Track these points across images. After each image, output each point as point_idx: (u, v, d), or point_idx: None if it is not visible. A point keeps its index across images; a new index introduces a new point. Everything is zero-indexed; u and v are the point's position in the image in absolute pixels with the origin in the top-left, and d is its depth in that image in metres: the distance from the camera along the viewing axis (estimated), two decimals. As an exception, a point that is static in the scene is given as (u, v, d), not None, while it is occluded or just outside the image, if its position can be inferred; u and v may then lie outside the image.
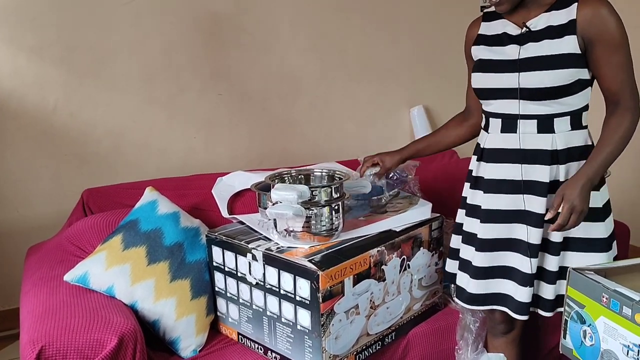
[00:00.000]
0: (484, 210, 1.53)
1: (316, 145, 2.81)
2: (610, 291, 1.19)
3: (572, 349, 1.32)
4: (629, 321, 1.16)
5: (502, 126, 1.51)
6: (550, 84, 1.42)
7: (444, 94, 3.06)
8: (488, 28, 1.57)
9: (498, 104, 1.51)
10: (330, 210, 1.55)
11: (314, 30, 2.73)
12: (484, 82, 1.52)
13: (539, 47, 1.44)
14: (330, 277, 1.43)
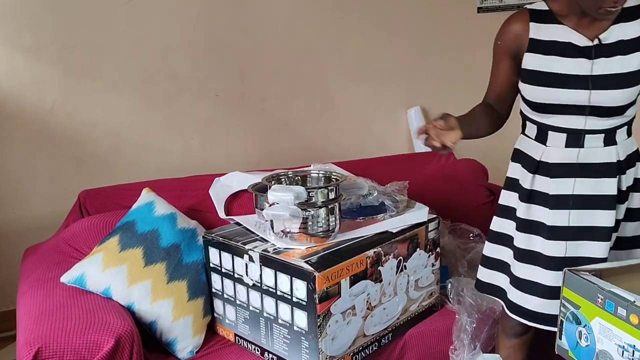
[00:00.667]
0: (551, 227, 1.48)
1: (313, 146, 2.81)
2: (605, 292, 1.20)
3: (568, 349, 1.33)
4: (623, 322, 1.16)
5: (566, 141, 1.46)
6: (623, 102, 1.42)
7: (440, 94, 3.06)
8: (539, 31, 1.44)
9: (560, 119, 1.45)
10: (326, 211, 1.55)
11: (311, 31, 2.73)
12: (546, 96, 1.43)
13: (612, 63, 1.39)
14: (327, 278, 1.44)
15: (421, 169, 2.35)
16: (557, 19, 1.43)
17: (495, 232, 1.62)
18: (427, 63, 3.03)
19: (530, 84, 1.46)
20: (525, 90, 1.48)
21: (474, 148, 3.06)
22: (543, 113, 1.47)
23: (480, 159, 2.66)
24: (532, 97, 1.46)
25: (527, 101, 1.49)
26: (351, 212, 1.76)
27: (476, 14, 3.05)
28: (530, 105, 1.48)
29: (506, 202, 1.59)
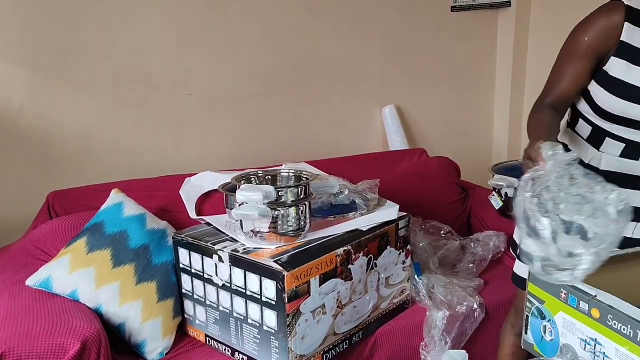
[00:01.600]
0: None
1: (288, 146, 2.81)
2: (568, 287, 1.22)
3: (533, 344, 1.35)
4: (585, 316, 1.18)
5: (623, 151, 1.39)
6: None
7: (415, 93, 3.08)
8: (634, 36, 1.29)
9: (628, 131, 1.37)
10: (297, 210, 1.55)
11: (286, 30, 2.72)
12: (626, 110, 1.33)
13: None
14: (296, 278, 1.44)
15: (394, 167, 2.37)
16: None
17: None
18: (401, 62, 3.04)
19: (611, 92, 1.33)
20: (601, 97, 1.35)
21: (447, 146, 3.10)
22: (610, 122, 1.37)
23: (452, 157, 2.69)
24: (608, 107, 1.35)
25: (596, 105, 1.37)
26: (322, 211, 1.76)
27: (450, 13, 3.07)
28: (598, 110, 1.38)
29: None
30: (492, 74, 3.25)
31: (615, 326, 1.11)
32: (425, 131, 3.13)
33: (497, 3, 3.10)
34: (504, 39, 3.16)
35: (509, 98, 3.18)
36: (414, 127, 3.12)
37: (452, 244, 2.07)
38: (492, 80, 3.26)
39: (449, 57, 3.11)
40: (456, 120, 3.19)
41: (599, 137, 1.42)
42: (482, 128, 3.31)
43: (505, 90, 3.21)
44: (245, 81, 2.67)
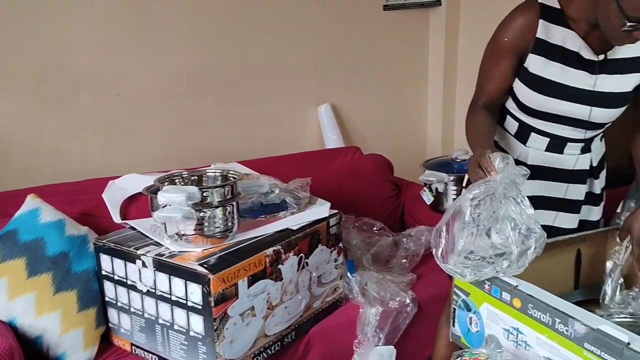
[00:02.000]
0: None
1: (223, 145, 2.75)
2: (492, 278, 1.23)
3: (461, 336, 1.36)
4: (508, 306, 1.20)
5: (548, 145, 1.44)
6: (612, 119, 1.41)
7: (350, 91, 3.08)
8: (548, 32, 1.34)
9: (551, 126, 1.41)
10: (223, 211, 1.51)
11: (215, 28, 2.66)
12: (547, 105, 1.37)
13: (611, 81, 1.36)
14: (223, 280, 1.40)
15: (327, 165, 2.36)
16: (567, 23, 1.33)
17: None
18: (335, 61, 3.04)
19: (531, 88, 1.37)
20: (523, 94, 1.39)
21: (382, 143, 3.13)
22: (534, 117, 1.41)
23: (388, 154, 2.71)
24: (529, 102, 1.39)
25: (519, 102, 1.41)
26: (252, 211, 1.73)
27: (382, 12, 3.10)
28: (522, 106, 1.41)
29: None
30: (425, 72, 3.30)
31: (535, 315, 1.13)
32: (360, 129, 3.14)
33: (428, 2, 3.15)
34: (435, 37, 3.22)
35: (442, 95, 3.24)
36: (350, 125, 3.13)
37: (385, 240, 2.08)
38: (424, 77, 3.31)
39: (383, 55, 3.13)
40: (391, 118, 3.22)
41: (525, 133, 1.45)
42: (416, 125, 3.35)
43: (437, 87, 3.26)
44: (175, 80, 2.59)
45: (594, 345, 1.00)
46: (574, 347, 1.04)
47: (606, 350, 0.98)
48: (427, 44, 3.26)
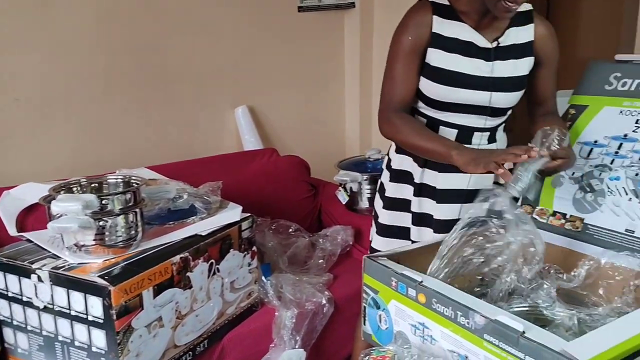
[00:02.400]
0: (437, 220, 1.50)
1: (133, 151, 2.65)
2: (398, 275, 1.24)
3: (371, 334, 1.36)
4: (413, 302, 1.21)
5: (456, 137, 1.46)
6: (513, 104, 1.47)
7: (266, 93, 3.06)
8: (443, 27, 1.41)
9: (457, 117, 1.45)
10: (125, 219, 1.44)
11: (124, 27, 2.56)
12: (450, 95, 1.42)
13: (507, 66, 1.42)
14: (125, 292, 1.33)
15: (243, 167, 2.32)
16: (458, 16, 1.41)
17: (387, 226, 1.58)
18: (251, 62, 3.00)
19: (433, 81, 1.41)
20: (427, 88, 1.43)
21: (301, 144, 3.12)
22: (440, 110, 1.45)
23: (306, 154, 2.70)
24: (434, 95, 1.43)
25: (425, 97, 1.44)
26: (160, 217, 1.67)
27: (297, 13, 3.09)
28: (427, 100, 1.45)
29: (399, 194, 1.56)
30: (342, 73, 3.33)
31: (439, 309, 1.15)
32: (279, 130, 3.12)
33: (342, 4, 3.18)
34: (351, 38, 3.25)
35: (359, 95, 3.27)
36: (268, 127, 3.10)
37: (301, 241, 2.07)
38: (341, 78, 3.34)
39: (299, 56, 3.13)
40: (309, 119, 3.22)
41: (433, 128, 1.48)
42: (335, 125, 3.37)
43: (354, 87, 3.30)
44: (82, 83, 2.47)
45: (493, 336, 1.02)
46: (475, 338, 1.06)
47: (503, 339, 1.00)
48: (342, 45, 3.29)
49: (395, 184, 1.57)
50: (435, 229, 1.51)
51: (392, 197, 1.57)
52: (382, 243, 1.60)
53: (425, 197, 1.52)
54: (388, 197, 1.58)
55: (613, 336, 0.93)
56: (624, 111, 1.41)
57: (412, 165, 1.53)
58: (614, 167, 1.36)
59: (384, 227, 1.60)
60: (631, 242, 1.26)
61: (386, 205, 1.59)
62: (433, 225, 1.52)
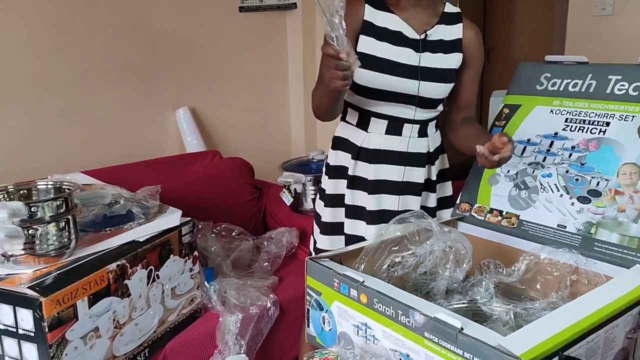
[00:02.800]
0: (370, 212, 1.51)
1: (68, 156, 2.55)
2: (340, 276, 1.24)
3: (315, 336, 1.36)
4: (356, 302, 1.21)
5: (387, 128, 1.50)
6: (441, 96, 1.51)
7: (208, 94, 3.01)
8: (375, 16, 1.47)
9: (387, 106, 1.49)
10: (57, 226, 1.38)
11: (55, 27, 2.46)
12: (379, 82, 1.45)
13: (435, 58, 1.47)
14: (57, 302, 1.27)
15: (185, 170, 2.27)
16: (389, 8, 1.47)
17: (331, 223, 1.59)
18: (191, 63, 2.94)
19: (365, 67, 1.44)
20: (357, 74, 1.43)
21: (245, 146, 3.09)
22: (371, 98, 1.48)
23: (251, 156, 2.67)
24: (364, 82, 1.46)
25: (355, 85, 1.46)
26: (95, 224, 1.61)
27: (238, 13, 3.06)
28: (358, 89, 1.47)
29: (337, 190, 1.57)
30: (285, 73, 3.32)
31: (381, 309, 1.15)
32: (222, 132, 3.08)
33: (284, 5, 3.17)
34: (293, 39, 3.24)
35: (303, 95, 3.27)
36: (211, 129, 3.05)
37: (245, 244, 2.04)
38: (285, 79, 3.32)
39: (241, 57, 3.10)
40: (253, 120, 3.20)
41: (365, 119, 1.52)
42: (280, 126, 3.36)
43: (298, 88, 3.29)
44: (10, 84, 2.36)
45: (432, 334, 1.04)
46: (415, 337, 1.07)
47: (442, 337, 1.01)
48: (285, 46, 3.27)
49: (333, 180, 1.58)
50: (368, 221, 1.53)
51: (331, 194, 1.59)
52: (327, 242, 1.60)
53: (357, 190, 1.54)
54: (328, 194, 1.59)
55: (547, 329, 0.96)
56: (554, 110, 1.46)
57: (345, 158, 1.55)
58: (546, 165, 1.41)
59: (327, 226, 1.60)
60: (563, 237, 1.31)
61: (327, 203, 1.60)
62: (365, 217, 1.53)
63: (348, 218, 1.56)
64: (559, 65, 1.53)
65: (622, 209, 1.25)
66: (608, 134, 1.34)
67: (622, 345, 1.07)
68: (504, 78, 1.77)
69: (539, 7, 4.55)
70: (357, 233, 1.55)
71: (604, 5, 2.37)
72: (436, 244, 1.25)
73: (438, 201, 1.61)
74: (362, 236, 1.53)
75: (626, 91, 1.37)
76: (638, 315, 1.08)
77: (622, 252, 1.22)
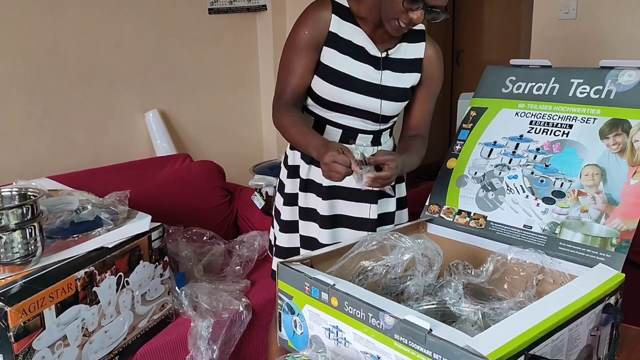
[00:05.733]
0: (323, 216, 1.51)
1: (34, 160, 2.50)
2: (311, 279, 1.24)
3: (287, 339, 1.36)
4: (327, 305, 1.21)
5: (341, 137, 1.49)
6: (397, 112, 1.51)
7: (178, 97, 2.98)
8: (340, 27, 1.42)
9: (346, 118, 1.47)
10: (22, 234, 1.35)
11: (21, 28, 2.41)
12: (342, 98, 1.43)
13: (394, 77, 1.46)
14: (23, 312, 1.25)
15: (154, 174, 2.25)
16: (355, 21, 1.43)
17: (283, 221, 1.58)
18: (161, 65, 2.92)
19: (326, 80, 1.42)
20: (318, 86, 1.43)
21: (216, 148, 3.07)
22: (329, 110, 1.46)
23: (223, 159, 2.66)
24: (324, 94, 1.43)
25: (315, 94, 1.45)
26: (62, 230, 1.58)
27: (207, 15, 3.04)
28: (316, 98, 1.45)
29: (295, 190, 1.56)
30: (256, 75, 3.31)
31: (352, 312, 1.16)
32: (193, 135, 3.06)
33: (254, 6, 3.16)
34: (264, 40, 3.24)
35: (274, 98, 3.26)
36: (181, 132, 3.03)
37: (216, 248, 2.03)
38: (256, 81, 3.32)
39: (211, 59, 3.08)
40: (224, 123, 3.18)
41: (320, 127, 1.50)
42: (251, 129, 3.35)
43: (269, 90, 3.29)
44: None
45: (402, 335, 1.04)
46: (385, 339, 1.08)
47: (412, 338, 1.02)
48: (256, 48, 3.27)
49: (291, 179, 1.57)
50: (320, 224, 1.52)
51: (290, 192, 1.58)
52: (286, 239, 1.60)
53: (310, 192, 1.54)
54: (287, 193, 1.59)
55: (513, 329, 0.98)
56: (519, 113, 1.49)
57: (300, 160, 1.54)
58: (512, 166, 1.43)
59: (286, 224, 1.59)
60: (529, 237, 1.33)
61: (286, 202, 1.59)
62: (318, 220, 1.53)
63: (302, 219, 1.56)
64: (523, 68, 1.56)
65: (585, 209, 1.28)
66: (571, 136, 1.38)
67: (586, 342, 1.10)
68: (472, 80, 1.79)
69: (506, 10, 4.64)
70: (310, 234, 1.56)
71: (567, 10, 2.43)
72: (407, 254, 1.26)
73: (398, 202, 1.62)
74: (316, 238, 1.53)
75: (588, 94, 1.40)
76: (601, 313, 1.11)
77: (585, 251, 1.25)
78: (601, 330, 1.13)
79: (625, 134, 1.29)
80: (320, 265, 1.35)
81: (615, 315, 1.10)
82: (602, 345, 1.15)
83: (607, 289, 1.11)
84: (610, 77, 1.39)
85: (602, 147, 1.32)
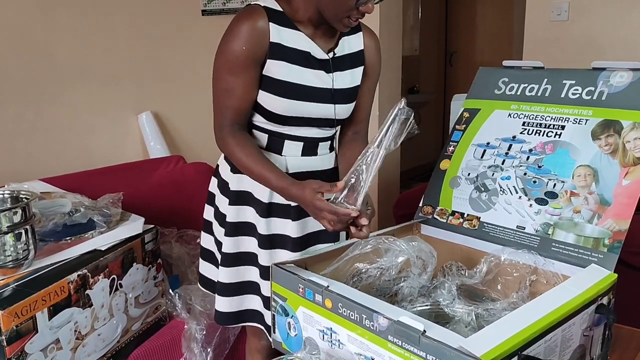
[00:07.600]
0: (295, 239, 1.41)
1: (26, 162, 2.50)
2: (305, 281, 1.24)
3: (281, 341, 1.36)
4: (321, 307, 1.21)
5: (303, 149, 1.39)
6: (349, 114, 1.43)
7: (171, 98, 2.98)
8: (281, 36, 1.29)
9: (304, 129, 1.38)
10: (14, 237, 1.35)
11: (12, 28, 2.40)
12: (298, 110, 1.33)
13: (345, 77, 1.38)
14: (15, 315, 1.25)
15: (148, 176, 2.24)
16: (293, 24, 1.31)
17: (233, 254, 1.44)
18: (154, 67, 2.92)
19: (276, 94, 1.30)
20: (269, 102, 1.31)
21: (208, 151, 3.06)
22: (284, 124, 1.35)
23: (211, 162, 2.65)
24: (278, 109, 1.32)
25: (266, 111, 1.33)
26: (55, 233, 1.57)
27: (201, 17, 3.04)
28: (269, 115, 1.34)
29: (241, 218, 1.43)
30: (249, 77, 3.30)
31: (345, 313, 1.16)
32: (186, 137, 3.06)
33: (248, 7, 3.15)
34: (257, 42, 3.23)
35: (267, 100, 3.25)
36: (175, 133, 3.03)
37: (209, 250, 2.02)
38: (249, 82, 3.31)
39: (205, 61, 3.05)
40: (217, 124, 3.17)
41: (278, 142, 1.38)
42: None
43: (262, 92, 3.27)
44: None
45: (396, 337, 1.05)
46: (379, 340, 1.08)
47: (406, 340, 1.03)
48: (249, 49, 3.26)
49: (236, 207, 1.43)
50: (292, 248, 1.42)
51: (234, 222, 1.43)
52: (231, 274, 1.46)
53: (277, 218, 1.41)
54: (230, 222, 1.43)
55: (506, 329, 0.98)
56: (512, 114, 1.50)
57: (254, 184, 1.38)
58: (505, 167, 1.44)
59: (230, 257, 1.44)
60: (522, 238, 1.34)
61: (228, 232, 1.43)
62: (289, 245, 1.42)
63: (264, 249, 1.42)
64: (516, 70, 1.57)
65: (577, 210, 1.29)
66: (563, 137, 1.38)
67: (579, 342, 1.10)
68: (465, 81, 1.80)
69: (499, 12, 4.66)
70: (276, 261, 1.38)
71: (559, 11, 2.44)
72: (401, 256, 1.26)
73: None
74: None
75: (580, 95, 1.41)
76: (594, 314, 1.11)
77: (578, 252, 1.25)
78: (594, 331, 1.13)
79: (617, 135, 1.30)
80: (315, 268, 1.35)
81: (608, 315, 1.11)
82: (595, 346, 1.16)
83: (599, 290, 1.11)
84: (602, 78, 1.39)
85: (594, 148, 1.32)
